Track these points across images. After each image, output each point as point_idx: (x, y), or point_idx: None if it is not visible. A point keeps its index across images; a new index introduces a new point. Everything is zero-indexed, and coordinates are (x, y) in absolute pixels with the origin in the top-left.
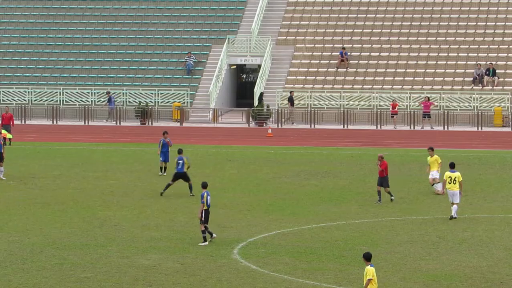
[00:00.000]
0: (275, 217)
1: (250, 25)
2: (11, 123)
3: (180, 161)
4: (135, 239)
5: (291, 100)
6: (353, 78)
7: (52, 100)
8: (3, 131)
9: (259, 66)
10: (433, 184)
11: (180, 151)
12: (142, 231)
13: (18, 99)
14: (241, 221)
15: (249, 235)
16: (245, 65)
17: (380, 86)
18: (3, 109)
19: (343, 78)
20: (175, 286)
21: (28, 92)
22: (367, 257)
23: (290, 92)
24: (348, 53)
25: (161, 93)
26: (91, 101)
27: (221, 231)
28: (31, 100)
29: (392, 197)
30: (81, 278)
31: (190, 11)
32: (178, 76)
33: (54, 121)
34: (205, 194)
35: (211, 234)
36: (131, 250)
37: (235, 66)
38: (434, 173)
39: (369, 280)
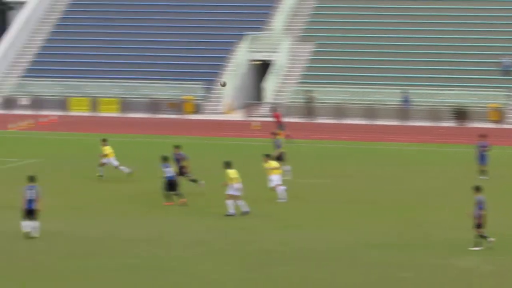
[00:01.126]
0: None
1: None
2: (281, 121)
3: None
4: (451, 240)
5: None
6: None
7: (367, 99)
8: (279, 131)
9: None
10: None
11: None
12: (458, 233)
13: (334, 98)
14: None
15: None
16: None
17: None
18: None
19: None
20: None
21: (345, 91)
22: None
23: None
24: None
25: (476, 94)
26: (404, 101)
27: None
28: (347, 100)
29: None
30: (400, 278)
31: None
32: (494, 77)
33: (370, 121)
34: (483, 198)
35: (485, 237)
36: (448, 252)
37: None
38: None
39: None
